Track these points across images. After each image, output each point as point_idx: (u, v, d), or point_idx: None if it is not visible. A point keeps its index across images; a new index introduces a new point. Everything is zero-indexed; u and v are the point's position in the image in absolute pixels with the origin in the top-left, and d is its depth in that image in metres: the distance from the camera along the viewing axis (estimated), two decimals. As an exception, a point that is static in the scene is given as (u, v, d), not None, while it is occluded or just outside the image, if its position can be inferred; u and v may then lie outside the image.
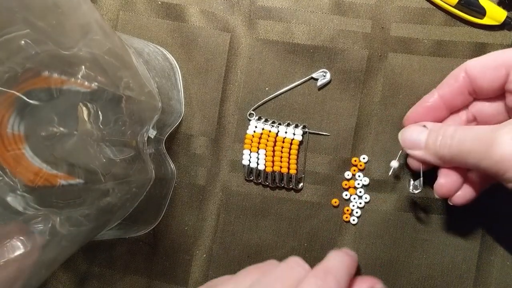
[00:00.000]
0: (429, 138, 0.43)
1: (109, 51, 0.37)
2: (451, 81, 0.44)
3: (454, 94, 0.45)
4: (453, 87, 0.44)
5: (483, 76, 0.42)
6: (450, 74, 0.45)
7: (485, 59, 0.42)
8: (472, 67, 0.42)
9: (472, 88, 0.43)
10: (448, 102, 0.45)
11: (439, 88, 0.45)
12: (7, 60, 0.31)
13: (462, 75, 0.43)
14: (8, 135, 0.32)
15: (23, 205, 0.33)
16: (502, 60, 0.40)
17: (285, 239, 0.53)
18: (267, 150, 0.52)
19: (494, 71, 0.41)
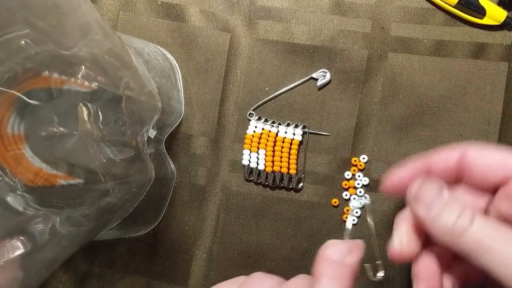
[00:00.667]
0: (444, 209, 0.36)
1: (109, 51, 0.37)
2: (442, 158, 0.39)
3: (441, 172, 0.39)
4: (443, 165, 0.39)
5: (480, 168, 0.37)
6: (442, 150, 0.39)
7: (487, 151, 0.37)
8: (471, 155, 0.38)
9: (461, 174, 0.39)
10: None
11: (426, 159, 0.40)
12: (7, 60, 0.31)
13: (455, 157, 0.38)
14: (8, 135, 0.32)
15: (23, 205, 0.33)
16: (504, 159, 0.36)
17: (285, 239, 0.53)
18: (267, 150, 0.52)
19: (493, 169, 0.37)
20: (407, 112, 0.52)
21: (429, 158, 0.40)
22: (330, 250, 0.36)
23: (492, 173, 0.37)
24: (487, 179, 0.37)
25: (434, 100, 0.51)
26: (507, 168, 0.36)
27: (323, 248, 0.36)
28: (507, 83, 0.51)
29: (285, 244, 0.53)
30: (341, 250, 0.36)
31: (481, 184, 0.38)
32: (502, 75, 0.51)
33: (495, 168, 0.37)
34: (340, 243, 0.36)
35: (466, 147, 0.38)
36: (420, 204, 0.37)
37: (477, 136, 0.51)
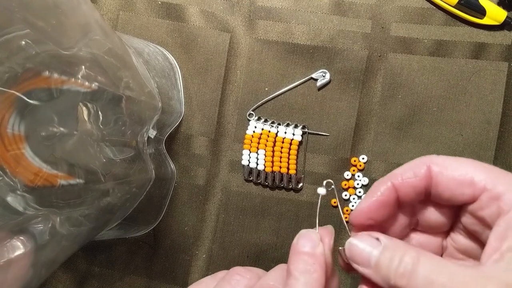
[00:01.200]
0: (382, 258, 0.34)
1: (109, 51, 0.37)
2: (409, 174, 0.36)
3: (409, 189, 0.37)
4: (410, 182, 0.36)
5: (447, 186, 0.35)
6: (408, 164, 0.37)
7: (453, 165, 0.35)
8: (437, 171, 0.36)
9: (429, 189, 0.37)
10: (401, 197, 0.38)
11: (393, 177, 0.37)
12: (7, 60, 0.31)
13: (423, 171, 0.36)
14: (8, 135, 0.32)
15: (23, 205, 0.33)
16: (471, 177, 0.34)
17: (284, 239, 0.53)
18: (267, 150, 0.52)
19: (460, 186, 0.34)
20: (407, 112, 0.52)
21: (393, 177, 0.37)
22: (301, 242, 0.36)
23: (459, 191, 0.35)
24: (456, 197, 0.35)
25: (434, 100, 0.51)
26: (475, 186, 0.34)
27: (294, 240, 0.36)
28: (507, 83, 0.51)
29: (284, 244, 0.53)
30: (312, 240, 0.36)
31: (450, 201, 0.36)
32: (502, 75, 0.51)
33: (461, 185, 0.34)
34: (310, 232, 0.36)
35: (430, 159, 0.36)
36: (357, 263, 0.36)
37: (477, 136, 0.51)
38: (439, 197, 0.36)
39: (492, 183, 0.33)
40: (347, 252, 0.36)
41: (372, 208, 0.37)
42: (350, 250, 0.36)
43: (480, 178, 0.33)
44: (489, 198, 0.33)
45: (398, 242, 0.35)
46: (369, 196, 0.37)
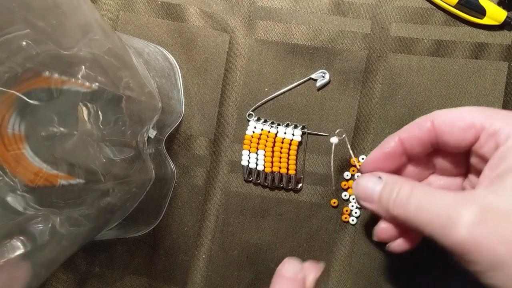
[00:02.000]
0: (383, 192, 0.40)
1: (109, 51, 0.37)
2: (415, 129, 0.41)
3: (416, 142, 0.42)
4: (416, 136, 0.41)
5: (451, 133, 0.39)
6: (415, 121, 0.42)
7: (454, 115, 0.39)
8: (440, 122, 0.40)
9: (436, 140, 0.41)
10: (408, 150, 0.42)
11: (401, 133, 0.42)
12: (7, 60, 0.31)
13: (428, 125, 0.40)
14: (8, 135, 0.32)
15: (23, 205, 0.33)
16: (471, 120, 0.38)
17: (284, 240, 0.53)
18: (266, 151, 0.52)
19: (462, 131, 0.38)
20: (406, 112, 0.52)
21: (402, 132, 0.42)
22: (284, 268, 0.41)
23: (462, 136, 0.38)
24: (460, 142, 0.39)
25: (434, 100, 0.51)
26: (475, 128, 0.37)
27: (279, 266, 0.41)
28: (507, 83, 0.51)
29: (284, 244, 0.53)
30: (295, 267, 0.41)
31: (457, 147, 0.39)
32: (502, 75, 0.51)
33: (463, 130, 0.38)
34: (294, 261, 0.41)
35: (433, 114, 0.40)
36: (363, 199, 0.42)
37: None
38: (446, 146, 0.40)
39: (489, 121, 0.36)
40: (354, 191, 0.43)
41: (379, 159, 0.43)
42: (357, 188, 0.43)
43: (479, 120, 0.37)
44: (487, 136, 0.36)
45: (397, 178, 0.41)
46: (378, 148, 0.43)
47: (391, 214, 0.39)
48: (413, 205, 0.37)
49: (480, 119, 0.37)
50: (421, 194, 0.37)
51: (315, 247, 0.53)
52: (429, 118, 0.40)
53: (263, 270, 0.53)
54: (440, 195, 0.36)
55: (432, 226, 0.35)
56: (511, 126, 0.36)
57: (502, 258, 0.32)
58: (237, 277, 0.53)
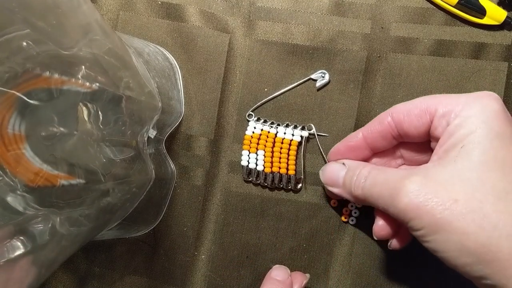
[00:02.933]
0: (346, 177, 0.45)
1: (109, 51, 0.37)
2: (376, 124, 0.44)
3: (377, 136, 0.45)
4: (376, 130, 0.44)
5: (409, 122, 0.41)
6: (377, 117, 0.45)
7: (410, 105, 0.42)
8: (398, 112, 0.42)
9: (397, 132, 0.43)
10: (371, 144, 0.45)
11: (364, 129, 0.46)
12: (7, 60, 0.31)
13: (388, 119, 0.43)
14: (8, 135, 0.32)
15: (23, 205, 0.33)
16: (425, 107, 0.40)
17: (284, 240, 0.53)
18: (266, 151, 0.52)
19: (418, 117, 0.41)
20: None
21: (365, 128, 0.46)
22: (274, 272, 0.49)
23: (419, 122, 0.41)
24: (419, 129, 0.41)
25: (434, 101, 0.51)
26: (429, 112, 0.40)
27: (269, 271, 0.50)
28: (507, 83, 0.51)
29: (284, 244, 0.53)
30: (283, 273, 0.49)
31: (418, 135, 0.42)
32: (502, 75, 0.51)
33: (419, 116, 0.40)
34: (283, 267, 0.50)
35: (392, 108, 0.43)
36: (329, 184, 0.47)
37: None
38: (408, 135, 0.42)
39: (441, 104, 0.39)
40: (321, 177, 0.48)
41: (342, 151, 0.48)
42: (323, 175, 0.48)
43: (432, 104, 0.40)
44: (439, 117, 0.39)
45: (359, 163, 0.45)
46: (342, 142, 0.48)
47: (353, 194, 0.44)
48: (369, 182, 0.42)
49: (433, 103, 0.40)
50: (375, 173, 0.42)
51: (314, 247, 0.53)
52: (388, 112, 0.43)
53: (263, 270, 0.53)
54: (391, 171, 0.41)
55: (382, 198, 0.40)
56: (461, 105, 0.38)
57: (440, 222, 0.36)
58: (237, 277, 0.53)
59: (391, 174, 0.40)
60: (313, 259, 0.53)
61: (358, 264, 0.52)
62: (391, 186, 0.39)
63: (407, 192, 0.37)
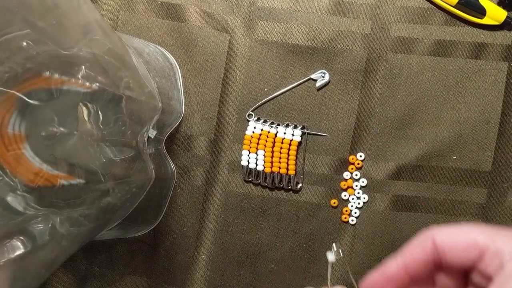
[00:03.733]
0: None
1: (109, 51, 0.37)
2: (417, 252, 0.40)
3: (420, 266, 0.40)
4: (420, 259, 0.40)
5: (454, 253, 0.38)
6: (414, 242, 0.40)
7: (456, 234, 0.38)
8: (442, 242, 0.38)
9: (439, 260, 0.39)
10: (413, 274, 0.41)
11: (404, 256, 0.40)
12: (7, 60, 0.31)
13: (430, 246, 0.39)
14: (9, 135, 0.32)
15: (23, 205, 0.33)
16: (474, 240, 0.37)
17: (284, 240, 0.53)
18: (266, 151, 0.52)
19: (466, 251, 0.37)
20: (406, 112, 0.52)
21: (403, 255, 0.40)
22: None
23: (465, 255, 0.37)
24: (463, 261, 0.38)
25: (433, 100, 0.51)
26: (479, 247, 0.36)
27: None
28: (506, 83, 0.51)
29: (284, 244, 0.53)
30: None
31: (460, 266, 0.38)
32: (502, 75, 0.51)
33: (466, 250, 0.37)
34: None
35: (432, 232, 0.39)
36: None
37: (476, 136, 0.51)
38: (449, 264, 0.38)
39: (493, 240, 0.36)
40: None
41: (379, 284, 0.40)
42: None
43: (482, 238, 0.36)
44: (492, 255, 0.35)
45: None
46: (379, 271, 0.40)
47: None
48: None
49: (482, 237, 0.37)
50: None
51: (314, 247, 0.53)
52: (428, 237, 0.39)
53: (263, 270, 0.53)
54: None
55: None
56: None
57: None
58: (237, 277, 0.53)
59: None
60: (314, 259, 0.53)
61: (358, 264, 0.52)
62: None
63: None
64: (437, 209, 0.52)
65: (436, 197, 0.52)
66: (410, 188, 0.52)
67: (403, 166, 0.52)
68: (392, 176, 0.52)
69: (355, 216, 0.52)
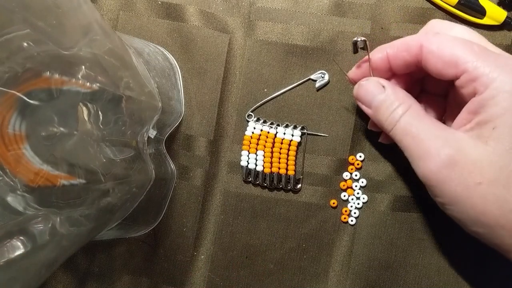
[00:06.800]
0: (382, 104, 0.43)
1: (109, 51, 0.37)
2: (403, 51, 0.43)
3: (401, 63, 0.44)
4: (403, 57, 0.43)
5: (434, 64, 0.40)
6: (405, 40, 0.43)
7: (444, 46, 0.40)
8: (428, 50, 0.41)
9: (421, 64, 0.42)
10: (394, 68, 0.45)
11: (389, 48, 0.44)
12: (7, 60, 0.31)
13: (416, 50, 0.42)
14: (9, 135, 0.32)
15: (23, 205, 0.33)
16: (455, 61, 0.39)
17: (283, 240, 0.53)
18: (266, 151, 0.52)
19: (445, 65, 0.40)
20: None
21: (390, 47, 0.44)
22: None
23: (444, 70, 0.40)
24: (441, 75, 0.40)
25: (433, 101, 0.51)
26: (457, 67, 0.39)
27: None
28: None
29: (283, 245, 0.53)
30: None
31: (438, 77, 0.41)
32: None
33: (447, 65, 0.39)
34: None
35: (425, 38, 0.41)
36: (361, 102, 0.45)
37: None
38: (429, 72, 0.41)
39: (474, 66, 0.38)
40: (355, 91, 0.46)
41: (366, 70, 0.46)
42: (359, 89, 0.45)
43: (465, 60, 0.38)
44: (467, 80, 0.38)
45: (399, 93, 0.43)
46: (365, 59, 0.46)
47: (381, 126, 0.43)
48: (402, 125, 0.41)
49: (466, 59, 0.38)
50: (411, 118, 0.41)
51: (314, 247, 0.53)
52: (419, 40, 0.42)
53: (262, 271, 0.53)
54: (427, 125, 0.40)
55: (410, 152, 0.41)
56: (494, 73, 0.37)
57: (460, 197, 0.38)
58: (236, 278, 0.53)
59: (426, 130, 0.40)
60: (313, 259, 0.53)
61: (357, 264, 0.52)
62: (422, 147, 0.39)
63: (436, 162, 0.38)
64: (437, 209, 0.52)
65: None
66: (410, 188, 0.52)
67: (403, 167, 0.52)
68: (392, 176, 0.52)
69: (354, 216, 0.52)
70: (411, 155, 0.40)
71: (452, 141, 0.38)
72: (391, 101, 0.42)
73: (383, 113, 0.43)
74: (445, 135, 0.39)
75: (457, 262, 0.51)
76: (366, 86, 0.45)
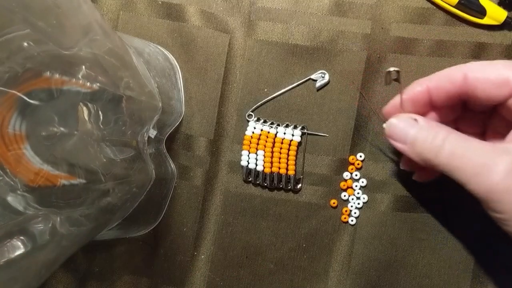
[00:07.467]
0: (418, 136, 0.40)
1: (109, 51, 0.37)
2: (445, 82, 0.41)
3: (443, 95, 0.42)
4: (445, 88, 0.41)
5: (484, 89, 0.39)
6: (446, 71, 0.41)
7: (489, 70, 0.39)
8: (474, 77, 0.39)
9: (466, 95, 0.40)
10: (434, 101, 0.43)
11: (429, 82, 0.42)
12: (7, 60, 0.31)
13: (460, 80, 0.40)
14: (9, 135, 0.32)
15: (23, 205, 0.33)
16: (507, 77, 0.37)
17: (283, 240, 0.53)
18: (266, 151, 0.52)
19: (497, 87, 0.38)
20: None
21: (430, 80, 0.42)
22: None
23: (496, 92, 0.38)
24: (493, 98, 0.39)
25: (434, 101, 0.51)
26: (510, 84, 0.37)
27: None
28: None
29: (283, 245, 0.53)
30: None
31: (487, 103, 0.40)
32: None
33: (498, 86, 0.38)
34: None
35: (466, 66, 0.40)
36: (394, 140, 0.42)
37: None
38: (476, 101, 0.40)
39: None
40: (387, 130, 0.43)
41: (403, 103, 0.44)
42: (390, 128, 0.43)
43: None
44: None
45: (433, 123, 0.41)
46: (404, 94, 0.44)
47: (423, 157, 0.40)
48: (447, 150, 0.38)
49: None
50: (455, 140, 0.38)
51: (314, 247, 0.53)
52: (461, 70, 0.40)
53: (262, 271, 0.53)
54: (475, 143, 0.38)
55: (464, 172, 0.37)
56: None
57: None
58: (236, 277, 0.53)
59: (476, 147, 0.37)
60: (313, 259, 0.53)
61: (357, 264, 0.52)
62: (477, 162, 0.36)
63: (499, 172, 0.35)
64: (437, 209, 0.52)
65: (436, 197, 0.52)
66: (410, 188, 0.52)
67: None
68: (392, 176, 0.52)
69: (354, 216, 0.52)
70: (465, 175, 0.37)
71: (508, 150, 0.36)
72: (427, 129, 0.40)
73: (422, 144, 0.40)
74: (499, 148, 0.37)
75: (457, 262, 0.51)
76: (398, 123, 0.42)
